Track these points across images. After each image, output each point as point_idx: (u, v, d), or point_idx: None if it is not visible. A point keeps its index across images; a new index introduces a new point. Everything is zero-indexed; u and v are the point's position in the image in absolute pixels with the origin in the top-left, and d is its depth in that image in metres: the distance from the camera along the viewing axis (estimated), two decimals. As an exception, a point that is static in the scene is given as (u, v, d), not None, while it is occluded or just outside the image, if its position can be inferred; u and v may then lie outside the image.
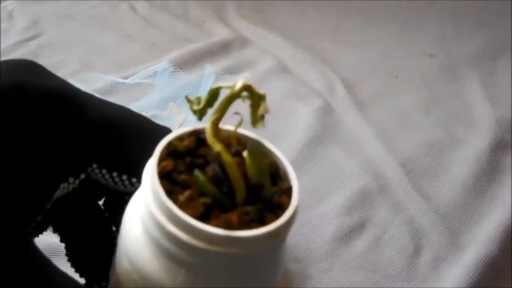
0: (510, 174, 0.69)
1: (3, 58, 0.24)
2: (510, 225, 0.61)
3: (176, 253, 0.20)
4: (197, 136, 0.22)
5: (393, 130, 0.76)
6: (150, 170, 0.20)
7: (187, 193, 0.20)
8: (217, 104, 0.22)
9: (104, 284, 0.28)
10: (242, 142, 0.23)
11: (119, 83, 0.83)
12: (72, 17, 1.04)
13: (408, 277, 0.56)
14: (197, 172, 0.21)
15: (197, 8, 1.08)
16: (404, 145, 0.73)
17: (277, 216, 0.20)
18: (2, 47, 0.90)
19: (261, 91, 0.21)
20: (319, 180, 0.68)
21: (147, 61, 0.89)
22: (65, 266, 0.24)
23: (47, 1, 1.07)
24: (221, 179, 0.21)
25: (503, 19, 1.05)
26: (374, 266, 0.57)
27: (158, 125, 0.27)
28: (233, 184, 0.20)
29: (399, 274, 0.57)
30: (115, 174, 0.25)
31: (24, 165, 0.22)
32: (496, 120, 0.77)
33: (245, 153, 0.21)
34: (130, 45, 0.95)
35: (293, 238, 0.59)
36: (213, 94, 0.21)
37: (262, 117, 0.21)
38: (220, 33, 1.00)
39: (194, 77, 0.85)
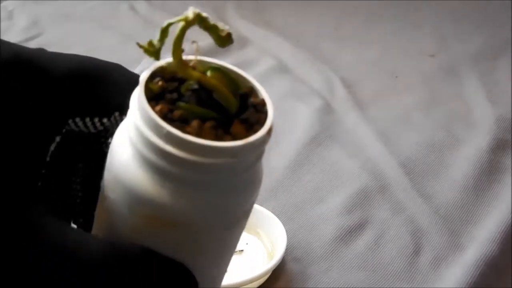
0: (510, 174, 0.69)
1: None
2: (510, 225, 0.61)
3: (187, 176, 0.21)
4: (161, 76, 0.23)
5: (393, 130, 0.76)
6: (148, 114, 0.21)
7: (194, 123, 0.21)
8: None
9: (80, 220, 0.28)
10: (205, 66, 0.24)
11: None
12: (72, 17, 1.04)
13: (408, 277, 0.56)
14: (183, 105, 0.22)
15: (197, 8, 1.08)
16: (404, 145, 0.73)
17: (266, 114, 0.22)
18: (2, 47, 0.90)
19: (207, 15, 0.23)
20: (319, 180, 0.68)
21: (146, 61, 0.89)
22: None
23: (47, 1, 1.07)
24: (208, 102, 0.22)
25: (503, 19, 1.04)
26: (374, 266, 0.57)
27: (110, 64, 0.27)
28: (220, 101, 0.22)
29: (399, 274, 0.57)
30: (87, 120, 0.26)
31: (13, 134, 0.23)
32: (496, 120, 0.77)
33: (208, 73, 0.23)
34: (130, 45, 0.95)
35: (293, 238, 0.59)
36: (164, 32, 0.24)
37: (229, 35, 0.23)
38: (220, 33, 0.99)
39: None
